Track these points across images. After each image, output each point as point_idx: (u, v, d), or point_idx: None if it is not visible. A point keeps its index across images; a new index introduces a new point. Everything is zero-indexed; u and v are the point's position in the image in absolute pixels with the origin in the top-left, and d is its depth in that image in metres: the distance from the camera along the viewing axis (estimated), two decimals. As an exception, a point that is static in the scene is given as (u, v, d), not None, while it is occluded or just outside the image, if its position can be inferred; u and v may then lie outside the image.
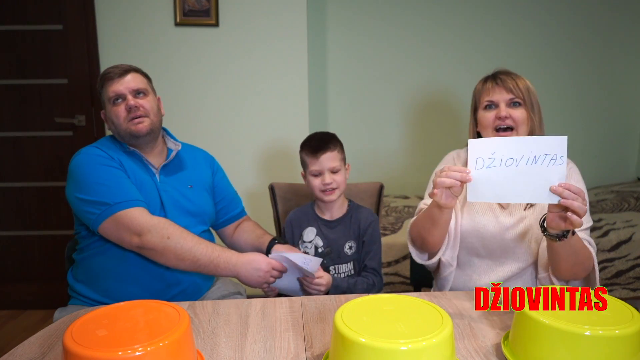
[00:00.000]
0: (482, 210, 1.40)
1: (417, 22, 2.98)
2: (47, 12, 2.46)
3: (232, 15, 2.48)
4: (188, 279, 1.47)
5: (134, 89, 1.45)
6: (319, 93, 2.98)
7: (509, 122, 1.35)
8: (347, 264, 1.53)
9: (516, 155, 1.07)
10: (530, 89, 1.37)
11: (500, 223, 1.38)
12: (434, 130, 3.08)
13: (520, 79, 1.38)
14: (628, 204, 2.72)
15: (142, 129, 1.44)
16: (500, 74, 1.39)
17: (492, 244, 1.39)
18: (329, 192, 1.50)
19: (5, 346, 2.31)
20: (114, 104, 1.44)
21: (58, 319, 1.28)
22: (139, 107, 1.44)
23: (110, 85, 1.44)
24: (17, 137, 2.58)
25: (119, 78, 1.44)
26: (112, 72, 1.45)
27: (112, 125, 1.47)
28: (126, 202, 1.35)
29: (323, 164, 1.50)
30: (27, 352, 1.05)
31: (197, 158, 1.63)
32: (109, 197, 1.35)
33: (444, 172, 1.15)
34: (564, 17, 3.02)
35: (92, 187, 1.36)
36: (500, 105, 1.36)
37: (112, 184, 1.37)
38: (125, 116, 1.44)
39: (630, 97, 3.18)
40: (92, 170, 1.39)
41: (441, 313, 0.91)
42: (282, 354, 1.02)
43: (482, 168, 1.10)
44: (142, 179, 1.45)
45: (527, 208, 1.38)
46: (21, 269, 2.69)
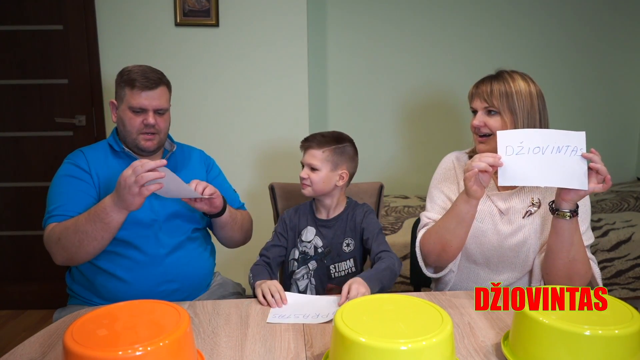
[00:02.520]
0: (481, 217, 1.39)
1: (417, 22, 2.98)
2: (47, 12, 2.46)
3: (232, 16, 2.48)
4: (183, 278, 1.48)
5: (157, 108, 1.45)
6: (319, 93, 2.98)
7: (484, 130, 1.37)
8: (346, 261, 1.53)
9: (542, 145, 1.18)
10: (517, 95, 1.33)
11: (499, 231, 1.37)
12: (434, 130, 3.08)
13: (503, 84, 1.35)
14: (628, 204, 2.72)
15: (151, 147, 1.46)
16: (485, 79, 1.39)
17: (490, 252, 1.39)
18: (303, 185, 1.52)
19: (5, 346, 2.31)
20: (133, 112, 1.43)
21: (58, 319, 1.28)
22: (155, 126, 1.44)
23: (137, 94, 1.41)
24: (17, 137, 2.58)
25: (148, 91, 1.42)
26: (142, 82, 1.41)
27: (122, 127, 1.46)
28: (53, 217, 1.37)
29: (305, 157, 1.52)
30: (27, 352, 1.05)
31: (192, 158, 1.63)
32: (50, 205, 1.40)
33: (477, 157, 1.21)
34: (564, 17, 3.02)
35: (51, 198, 1.42)
36: (477, 113, 1.38)
37: (63, 196, 1.40)
38: (139, 129, 1.44)
39: (630, 97, 3.19)
40: (53, 184, 1.44)
41: (441, 313, 0.91)
42: (282, 354, 1.02)
43: (511, 155, 1.20)
44: None
45: (526, 216, 1.37)
46: (21, 269, 2.69)
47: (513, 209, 1.38)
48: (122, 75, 1.45)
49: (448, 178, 1.49)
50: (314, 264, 1.52)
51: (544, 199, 1.38)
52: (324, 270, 1.52)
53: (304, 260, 1.53)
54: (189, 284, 1.50)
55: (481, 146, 1.39)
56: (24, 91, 2.54)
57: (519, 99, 1.34)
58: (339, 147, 1.52)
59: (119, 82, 1.46)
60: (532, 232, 1.35)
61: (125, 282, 1.42)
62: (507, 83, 1.35)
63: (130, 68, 1.46)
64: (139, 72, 1.44)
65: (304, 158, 1.53)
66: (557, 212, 1.24)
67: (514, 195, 1.40)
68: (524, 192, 1.39)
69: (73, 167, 1.44)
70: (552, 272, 1.30)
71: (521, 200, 1.38)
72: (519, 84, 1.35)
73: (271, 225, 1.81)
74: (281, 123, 2.58)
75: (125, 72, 1.45)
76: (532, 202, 1.37)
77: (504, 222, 1.38)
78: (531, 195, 1.39)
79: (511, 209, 1.38)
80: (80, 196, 1.40)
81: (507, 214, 1.38)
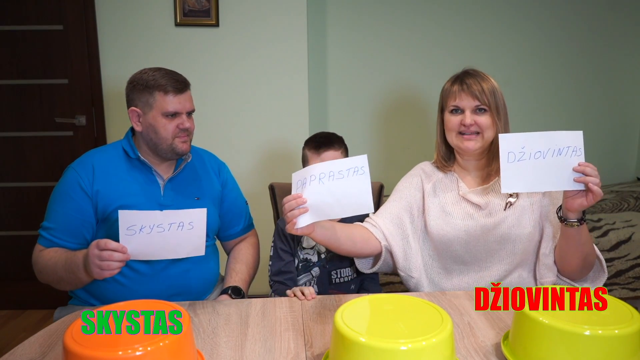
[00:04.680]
0: (461, 215, 1.39)
1: (417, 22, 2.98)
2: (47, 12, 2.46)
3: (232, 16, 2.48)
4: (187, 290, 1.46)
5: (189, 110, 1.44)
6: (319, 93, 2.98)
7: (473, 129, 1.37)
8: (347, 268, 1.50)
9: (543, 149, 1.18)
10: (497, 91, 1.37)
11: (481, 225, 1.37)
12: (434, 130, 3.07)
13: (486, 82, 1.36)
14: (627, 204, 2.72)
15: (187, 149, 1.45)
16: (467, 77, 1.38)
17: (476, 248, 1.38)
18: None
19: (5, 346, 2.31)
20: (167, 117, 1.40)
21: (58, 319, 1.28)
22: (189, 128, 1.44)
23: (170, 99, 1.39)
24: (17, 137, 2.58)
25: (179, 94, 1.40)
26: (173, 85, 1.39)
27: (154, 134, 1.41)
28: (43, 238, 1.40)
29: (325, 159, 1.44)
30: (27, 352, 1.05)
31: (206, 167, 1.57)
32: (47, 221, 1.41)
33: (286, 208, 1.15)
34: (563, 17, 3.02)
35: (48, 212, 1.43)
36: (465, 112, 1.37)
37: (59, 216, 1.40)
38: (175, 133, 1.41)
39: (630, 97, 3.18)
40: (54, 195, 1.43)
41: (441, 313, 0.91)
42: (282, 354, 1.02)
43: (514, 161, 1.19)
44: (141, 195, 1.42)
45: (507, 208, 1.37)
46: (21, 269, 2.69)
47: (492, 203, 1.38)
48: (145, 81, 1.39)
49: (408, 186, 1.50)
50: (317, 271, 1.49)
51: None
52: (325, 276, 1.49)
53: (305, 268, 1.50)
54: (194, 297, 1.47)
55: (469, 143, 1.38)
56: (24, 91, 2.54)
57: (499, 97, 1.37)
58: (345, 145, 1.51)
59: (141, 88, 1.39)
60: (515, 222, 1.35)
61: (128, 290, 1.40)
62: (488, 80, 1.38)
63: (150, 73, 1.40)
64: (165, 75, 1.40)
65: (319, 162, 1.37)
66: (565, 222, 1.24)
67: (489, 189, 1.40)
68: (498, 186, 1.38)
69: (75, 185, 1.39)
70: (568, 269, 1.34)
71: (497, 195, 1.39)
72: (492, 80, 1.39)
73: (271, 225, 1.80)
74: (281, 123, 2.58)
75: (149, 78, 1.39)
76: (509, 194, 1.37)
77: (485, 216, 1.38)
78: None
79: (490, 202, 1.38)
80: (73, 223, 1.39)
81: (486, 207, 1.38)
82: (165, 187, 1.46)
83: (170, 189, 1.46)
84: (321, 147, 1.48)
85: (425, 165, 1.55)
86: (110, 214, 1.39)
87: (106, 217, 1.40)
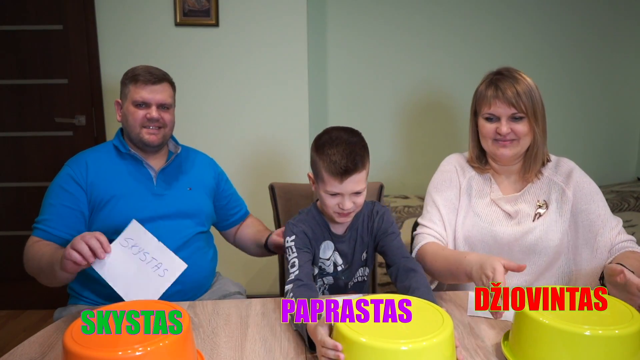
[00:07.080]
0: (489, 219, 1.37)
1: (417, 22, 2.98)
2: (47, 12, 2.46)
3: (232, 16, 2.48)
4: (185, 280, 1.46)
5: (160, 102, 1.47)
6: (319, 93, 2.98)
7: (510, 137, 1.32)
8: (361, 268, 1.43)
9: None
10: (533, 92, 1.30)
11: (509, 234, 1.34)
12: (434, 130, 3.08)
13: (521, 84, 1.30)
14: (628, 204, 2.72)
15: (155, 141, 1.48)
16: (501, 81, 1.31)
17: (500, 255, 1.32)
18: (344, 214, 1.27)
19: (5, 346, 2.31)
20: (136, 106, 1.46)
21: (58, 319, 1.28)
22: (159, 120, 1.47)
23: (140, 89, 1.45)
24: (17, 137, 2.58)
25: (151, 85, 1.45)
26: (145, 77, 1.45)
27: (126, 123, 1.49)
28: (38, 229, 1.40)
29: (346, 187, 1.21)
30: (27, 352, 1.05)
31: (197, 160, 1.64)
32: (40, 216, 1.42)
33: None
34: (564, 17, 3.02)
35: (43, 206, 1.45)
36: (501, 120, 1.31)
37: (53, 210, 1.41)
38: (142, 122, 1.46)
39: (630, 97, 3.18)
40: (48, 191, 1.45)
41: (441, 313, 0.91)
42: (282, 354, 1.02)
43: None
44: (135, 185, 1.46)
45: (536, 219, 1.35)
46: (21, 269, 2.67)
47: (522, 212, 1.36)
48: (127, 74, 1.49)
49: (447, 181, 1.45)
50: (329, 279, 1.41)
51: (549, 199, 1.38)
52: (340, 284, 1.42)
53: (319, 275, 1.42)
54: (191, 286, 1.49)
55: (505, 150, 1.33)
56: (24, 91, 2.54)
57: (534, 97, 1.30)
58: (366, 147, 1.28)
59: (123, 80, 1.49)
60: (542, 234, 1.33)
61: None
62: (523, 81, 1.30)
63: (135, 67, 1.50)
64: (143, 68, 1.48)
65: (340, 188, 1.21)
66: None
67: (520, 198, 1.39)
68: (529, 194, 1.38)
69: (69, 179, 1.43)
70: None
71: (528, 203, 1.37)
72: (528, 80, 1.32)
73: (271, 225, 1.80)
74: (281, 123, 2.58)
75: (130, 70, 1.49)
76: (539, 204, 1.36)
77: (514, 224, 1.36)
78: (536, 197, 1.38)
79: (520, 211, 1.36)
80: (67, 214, 1.41)
81: (515, 216, 1.37)
82: (157, 178, 1.50)
83: (163, 180, 1.51)
84: (345, 174, 1.20)
85: (458, 158, 1.49)
86: (107, 203, 1.42)
87: (102, 207, 1.42)
